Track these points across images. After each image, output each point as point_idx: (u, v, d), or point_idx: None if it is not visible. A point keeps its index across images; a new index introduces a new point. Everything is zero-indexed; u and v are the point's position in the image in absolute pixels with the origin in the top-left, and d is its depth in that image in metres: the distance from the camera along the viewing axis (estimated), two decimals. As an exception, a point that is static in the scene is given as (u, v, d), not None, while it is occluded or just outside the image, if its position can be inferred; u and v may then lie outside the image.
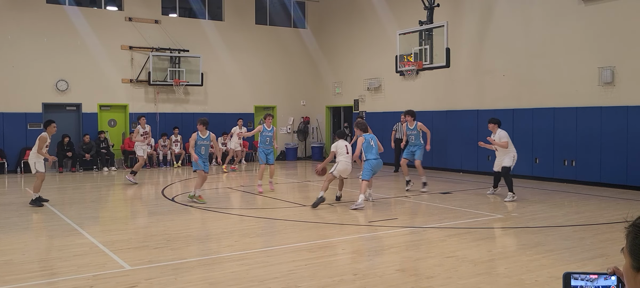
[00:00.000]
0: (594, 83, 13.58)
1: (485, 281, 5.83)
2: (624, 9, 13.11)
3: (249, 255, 6.97)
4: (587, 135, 13.83)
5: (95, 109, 19.62)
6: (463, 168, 17.06)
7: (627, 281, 1.57)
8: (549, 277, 5.91)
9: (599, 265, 6.39)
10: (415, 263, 6.76)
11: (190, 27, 21.11)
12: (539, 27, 14.95)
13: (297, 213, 10.22)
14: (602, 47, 13.45)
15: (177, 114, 20.87)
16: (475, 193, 12.76)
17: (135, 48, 20.05)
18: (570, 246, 7.40)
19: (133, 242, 7.83)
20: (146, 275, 6.03)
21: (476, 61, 16.76)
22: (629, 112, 12.96)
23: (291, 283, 5.72)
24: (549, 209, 10.44)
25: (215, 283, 5.74)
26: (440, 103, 17.80)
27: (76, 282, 5.78)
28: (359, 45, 21.32)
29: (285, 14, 23.41)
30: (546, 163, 14.82)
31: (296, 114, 23.57)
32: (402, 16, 18.70)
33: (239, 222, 9.57)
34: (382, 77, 20.12)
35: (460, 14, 17.05)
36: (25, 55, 18.24)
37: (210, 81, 21.32)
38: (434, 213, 9.96)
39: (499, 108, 15.84)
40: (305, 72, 23.62)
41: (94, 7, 19.77)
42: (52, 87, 18.71)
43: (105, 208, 11.78)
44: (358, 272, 6.15)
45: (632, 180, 12.91)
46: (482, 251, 7.10)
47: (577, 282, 1.64)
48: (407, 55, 16.24)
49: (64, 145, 18.35)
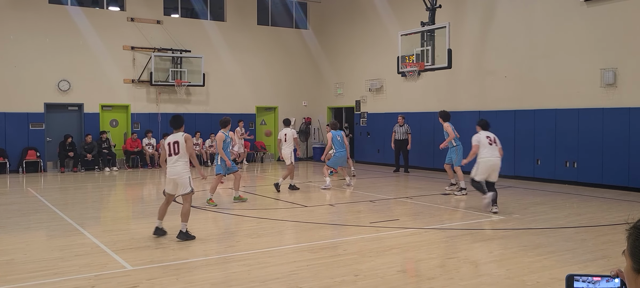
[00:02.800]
0: (596, 84, 13.57)
1: (487, 282, 5.82)
2: (626, 10, 13.09)
3: (251, 255, 6.97)
4: (589, 137, 13.81)
5: (97, 109, 19.64)
6: (464, 170, 17.02)
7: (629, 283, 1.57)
8: (551, 278, 5.91)
9: (601, 266, 6.38)
10: (417, 264, 6.76)
11: (192, 28, 21.12)
12: (541, 28, 14.94)
13: (298, 213, 10.22)
14: (605, 48, 13.43)
15: (179, 114, 20.84)
16: (476, 194, 12.74)
17: (137, 48, 20.07)
18: (572, 247, 7.39)
19: (134, 242, 7.83)
20: (147, 276, 6.03)
21: (478, 62, 16.75)
22: (631, 114, 12.94)
23: (293, 283, 5.72)
24: (551, 210, 10.42)
25: (217, 284, 5.74)
26: (442, 104, 17.73)
27: (78, 282, 5.78)
28: (360, 46, 21.32)
29: (287, 15, 23.43)
30: (548, 164, 14.81)
31: (298, 114, 23.57)
32: (403, 17, 18.69)
33: (240, 223, 9.57)
34: (384, 78, 20.11)
35: (462, 15, 17.05)
36: (28, 55, 18.27)
37: (211, 82, 21.33)
38: (436, 215, 9.95)
39: (500, 109, 15.83)
40: (306, 72, 23.62)
41: (96, 7, 19.80)
42: (54, 87, 18.74)
43: (106, 208, 11.79)
44: (359, 273, 6.14)
45: (633, 181, 12.89)
46: (483, 252, 7.10)
47: (580, 284, 1.64)
48: (408, 56, 16.24)
49: (66, 145, 18.38)
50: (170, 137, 8.06)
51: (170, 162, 7.90)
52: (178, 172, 7.86)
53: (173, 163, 7.88)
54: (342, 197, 12.53)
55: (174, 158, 7.89)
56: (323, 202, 11.95)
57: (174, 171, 7.87)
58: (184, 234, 7.77)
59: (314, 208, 11.14)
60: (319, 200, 12.28)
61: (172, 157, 7.91)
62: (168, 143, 8.03)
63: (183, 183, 7.85)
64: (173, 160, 7.89)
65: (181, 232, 7.77)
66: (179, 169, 7.85)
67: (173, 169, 7.87)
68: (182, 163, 7.88)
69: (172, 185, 7.96)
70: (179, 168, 7.85)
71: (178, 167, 7.85)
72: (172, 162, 7.88)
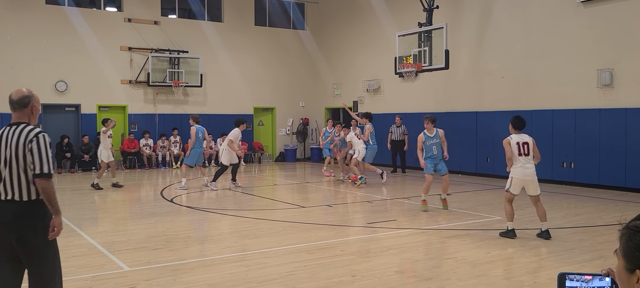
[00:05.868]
0: (593, 85, 13.60)
1: (484, 283, 5.83)
2: (623, 11, 13.13)
3: (248, 256, 6.98)
4: (585, 137, 13.84)
5: (94, 109, 19.61)
6: (462, 170, 17.07)
7: (621, 282, 1.58)
8: (548, 278, 5.92)
9: (598, 267, 6.40)
10: (414, 264, 6.77)
11: (190, 28, 21.11)
12: (538, 29, 14.97)
13: (296, 214, 10.23)
14: (601, 49, 13.47)
15: (176, 115, 20.86)
16: (475, 194, 12.77)
17: (134, 49, 20.05)
18: (569, 248, 7.41)
19: (132, 243, 7.83)
20: (145, 276, 6.03)
21: (475, 63, 16.78)
22: (628, 114, 12.98)
23: (290, 284, 5.73)
24: (548, 211, 10.38)
25: (214, 285, 5.74)
26: (439, 105, 17.80)
27: (75, 283, 5.78)
28: (358, 47, 21.33)
29: (284, 15, 23.42)
30: (545, 165, 14.74)
31: (295, 115, 23.57)
32: (401, 18, 18.71)
33: (237, 223, 9.57)
34: (381, 79, 20.13)
35: (459, 16, 17.07)
36: (25, 56, 18.23)
37: (209, 82, 21.32)
38: (433, 215, 9.97)
39: (497, 110, 15.86)
40: (304, 73, 23.63)
41: (93, 8, 19.76)
42: (51, 88, 18.71)
43: (104, 209, 11.78)
44: (357, 274, 6.15)
45: (630, 182, 12.92)
46: (481, 253, 7.11)
47: (572, 283, 1.66)
48: (406, 57, 16.26)
49: (63, 146, 18.35)
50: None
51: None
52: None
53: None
54: (340, 198, 12.54)
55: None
56: (320, 202, 11.95)
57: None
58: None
59: (312, 209, 11.16)
60: (317, 201, 12.29)
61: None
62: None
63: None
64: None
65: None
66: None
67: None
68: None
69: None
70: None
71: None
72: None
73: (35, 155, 3.87)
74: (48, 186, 3.90)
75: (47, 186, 3.89)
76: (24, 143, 3.90)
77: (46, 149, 3.93)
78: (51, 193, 3.92)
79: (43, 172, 3.87)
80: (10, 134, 3.95)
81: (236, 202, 12.29)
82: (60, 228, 4.04)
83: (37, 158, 3.87)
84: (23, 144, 3.90)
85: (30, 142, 3.89)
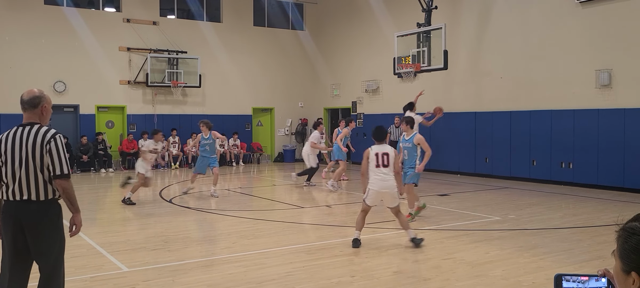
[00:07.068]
0: (591, 85, 13.62)
1: (483, 283, 5.84)
2: (621, 11, 13.15)
3: (247, 257, 6.98)
4: (584, 138, 13.86)
5: (92, 110, 19.60)
6: (460, 171, 17.08)
7: (618, 283, 1.58)
8: (546, 279, 5.93)
9: (597, 267, 6.37)
10: (413, 265, 6.77)
11: (189, 29, 21.11)
12: (537, 29, 14.99)
13: (295, 215, 10.23)
14: (600, 49, 13.48)
15: (175, 115, 20.86)
16: (473, 195, 12.78)
17: (133, 49, 20.04)
18: (567, 248, 7.42)
19: (131, 243, 7.82)
20: (143, 277, 6.03)
21: (474, 63, 16.79)
22: (626, 115, 12.99)
23: (289, 284, 5.73)
24: (546, 211, 10.45)
25: (213, 285, 5.74)
26: (438, 105, 17.79)
27: (74, 284, 5.77)
28: (357, 47, 21.34)
29: (283, 16, 23.42)
30: (543, 165, 14.85)
31: (294, 115, 23.57)
32: (400, 18, 18.72)
33: (236, 224, 9.57)
34: (380, 79, 20.13)
35: (458, 16, 17.08)
36: (23, 56, 18.22)
37: (208, 83, 21.31)
38: (432, 216, 9.97)
39: (496, 110, 15.87)
40: (303, 73, 23.62)
41: (92, 8, 19.76)
42: (50, 88, 18.66)
43: (102, 209, 11.77)
44: (356, 274, 6.16)
45: (629, 182, 12.94)
46: (479, 253, 7.12)
47: (568, 284, 1.66)
48: (405, 57, 16.26)
49: (62, 147, 18.32)
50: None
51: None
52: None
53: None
54: (338, 198, 12.54)
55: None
56: (319, 203, 11.95)
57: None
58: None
59: (311, 209, 11.16)
60: (316, 201, 12.29)
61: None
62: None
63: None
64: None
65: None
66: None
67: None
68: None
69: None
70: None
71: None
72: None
73: (54, 156, 3.95)
74: (68, 186, 4.00)
75: (67, 186, 3.99)
76: (41, 144, 3.95)
77: (64, 150, 4.03)
78: (71, 193, 4.02)
79: (63, 173, 3.97)
80: (24, 135, 3.98)
81: (235, 202, 12.30)
82: (80, 226, 4.18)
83: (57, 159, 3.95)
84: (40, 145, 3.95)
85: (48, 143, 3.95)
